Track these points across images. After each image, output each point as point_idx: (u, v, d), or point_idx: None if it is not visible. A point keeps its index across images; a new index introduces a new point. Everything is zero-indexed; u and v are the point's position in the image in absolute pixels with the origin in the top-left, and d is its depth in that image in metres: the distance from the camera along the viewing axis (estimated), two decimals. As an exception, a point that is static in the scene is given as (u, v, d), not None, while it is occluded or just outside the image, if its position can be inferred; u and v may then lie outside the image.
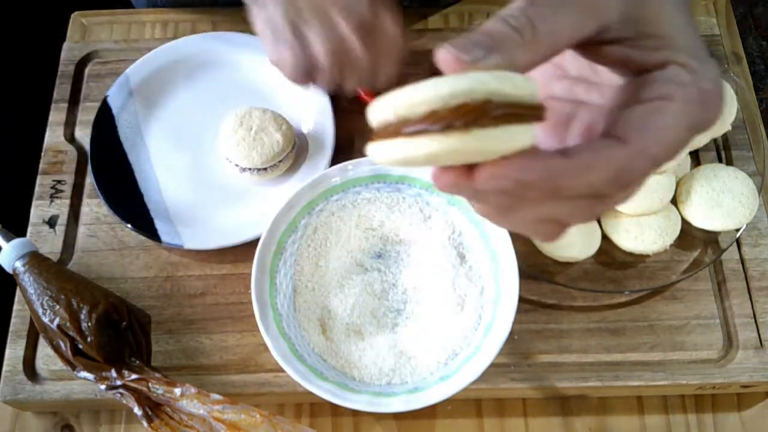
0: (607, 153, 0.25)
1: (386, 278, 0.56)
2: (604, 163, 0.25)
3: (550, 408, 0.57)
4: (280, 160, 0.60)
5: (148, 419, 0.52)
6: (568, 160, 0.25)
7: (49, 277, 0.55)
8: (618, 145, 0.25)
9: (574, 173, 0.25)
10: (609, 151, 0.25)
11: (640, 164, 0.26)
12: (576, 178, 0.25)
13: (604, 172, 0.25)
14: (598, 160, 0.25)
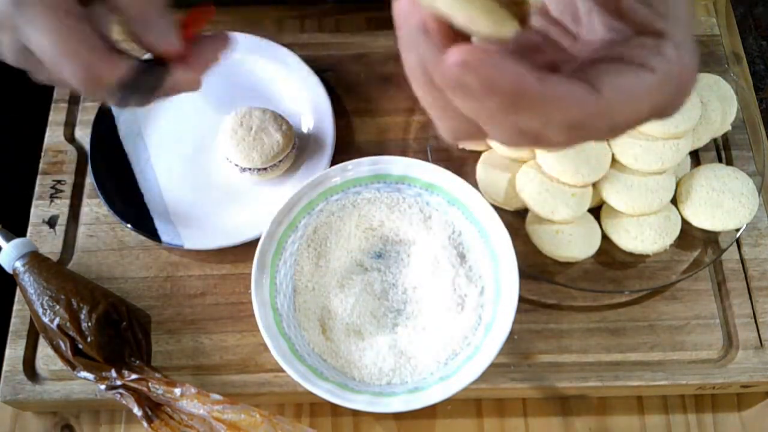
0: (577, 95, 0.25)
1: (386, 278, 0.56)
2: (570, 106, 0.25)
3: (550, 408, 0.57)
4: (280, 160, 0.60)
5: (148, 419, 0.52)
6: (539, 82, 0.24)
7: (49, 277, 0.55)
8: (589, 93, 0.25)
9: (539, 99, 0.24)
10: (579, 94, 0.25)
11: (602, 124, 0.26)
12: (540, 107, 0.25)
13: (566, 114, 0.25)
14: (567, 97, 0.25)
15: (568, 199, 0.56)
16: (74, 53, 0.33)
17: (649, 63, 0.26)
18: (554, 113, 0.25)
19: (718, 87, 0.61)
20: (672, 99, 0.27)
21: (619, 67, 0.26)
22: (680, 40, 0.27)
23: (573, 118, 0.25)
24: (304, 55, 0.66)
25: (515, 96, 0.24)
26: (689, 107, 0.55)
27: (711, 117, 0.59)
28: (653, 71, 0.26)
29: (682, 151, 0.56)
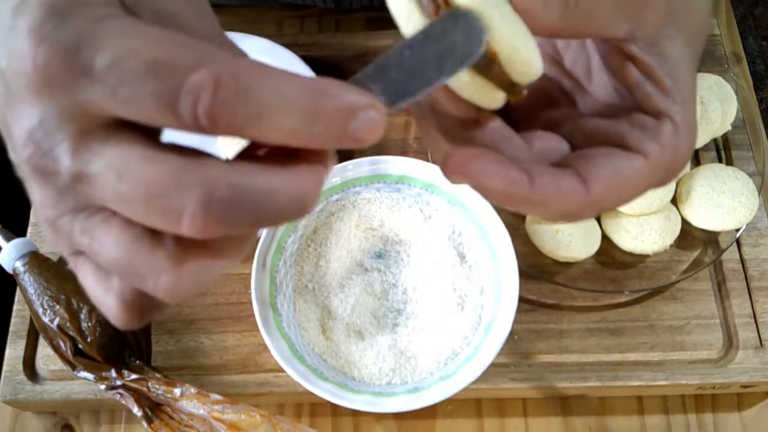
0: (566, 194, 0.26)
1: (386, 278, 0.56)
2: (559, 202, 0.26)
3: (550, 408, 0.57)
4: (280, 160, 0.60)
5: (147, 420, 0.52)
6: (529, 186, 0.25)
7: (49, 277, 0.55)
8: (578, 190, 0.26)
9: (530, 200, 0.25)
10: (568, 193, 0.26)
11: (591, 212, 0.27)
12: (530, 205, 0.26)
13: (556, 208, 0.26)
14: (556, 197, 0.26)
15: (568, 199, 0.56)
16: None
17: (644, 148, 0.27)
18: (545, 209, 0.26)
19: (718, 87, 0.61)
20: (660, 181, 0.28)
21: (612, 153, 0.27)
22: (680, 122, 0.27)
23: (563, 210, 0.26)
24: (304, 55, 0.66)
25: (507, 198, 0.25)
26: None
27: (711, 117, 0.59)
28: (646, 158, 0.27)
29: (682, 151, 0.56)
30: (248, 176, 0.20)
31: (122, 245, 0.21)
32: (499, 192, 0.25)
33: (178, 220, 0.20)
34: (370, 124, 0.21)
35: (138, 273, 0.21)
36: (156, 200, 0.20)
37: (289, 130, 0.20)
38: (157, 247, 0.21)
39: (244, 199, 0.20)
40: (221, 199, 0.20)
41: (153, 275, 0.21)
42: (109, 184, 0.20)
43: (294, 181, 0.21)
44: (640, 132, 0.27)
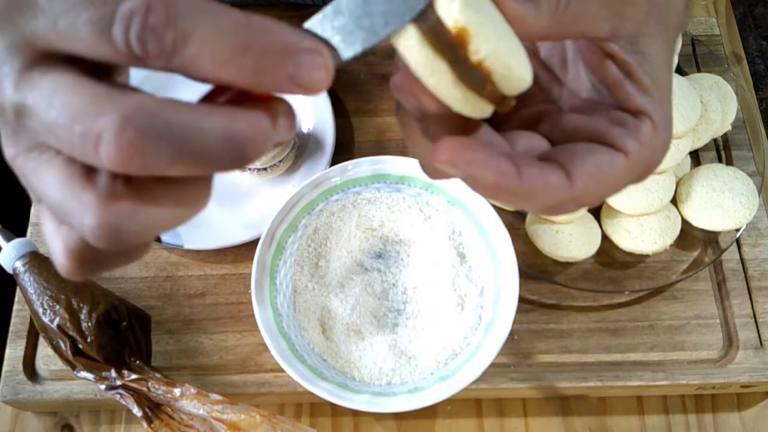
0: (552, 188, 0.26)
1: (386, 278, 0.56)
2: (545, 196, 0.26)
3: (550, 408, 0.57)
4: (280, 160, 0.60)
5: (147, 420, 0.52)
6: (518, 179, 0.25)
7: (49, 277, 0.55)
8: (563, 184, 0.26)
9: (518, 193, 0.26)
10: (554, 188, 0.26)
11: (572, 206, 0.27)
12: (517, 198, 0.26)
13: (541, 202, 0.26)
14: (543, 191, 0.26)
15: (568, 199, 0.56)
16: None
17: (625, 146, 0.27)
18: (531, 202, 0.26)
19: (718, 87, 0.61)
20: (638, 178, 0.28)
21: (594, 148, 0.27)
22: (658, 120, 0.27)
23: (547, 204, 0.27)
24: (304, 55, 0.66)
25: (496, 190, 0.25)
26: (689, 107, 0.55)
27: (711, 117, 0.59)
28: (627, 155, 0.27)
29: (682, 151, 0.56)
30: (172, 109, 0.20)
31: (58, 183, 0.21)
32: (489, 183, 0.25)
33: (96, 145, 0.19)
34: (314, 69, 0.21)
35: (68, 212, 0.21)
36: (76, 125, 0.20)
37: (219, 61, 0.20)
38: (88, 185, 0.21)
39: (163, 129, 0.19)
40: (138, 126, 0.19)
41: (80, 213, 0.21)
42: (41, 113, 0.20)
43: (224, 121, 0.20)
44: (620, 129, 0.27)
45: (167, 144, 0.20)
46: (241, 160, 0.21)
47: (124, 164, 0.19)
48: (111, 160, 0.19)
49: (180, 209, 0.22)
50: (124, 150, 0.19)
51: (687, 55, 0.67)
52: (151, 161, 0.20)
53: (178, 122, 0.20)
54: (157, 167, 0.20)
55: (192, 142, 0.20)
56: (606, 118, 0.28)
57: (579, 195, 0.26)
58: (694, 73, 0.63)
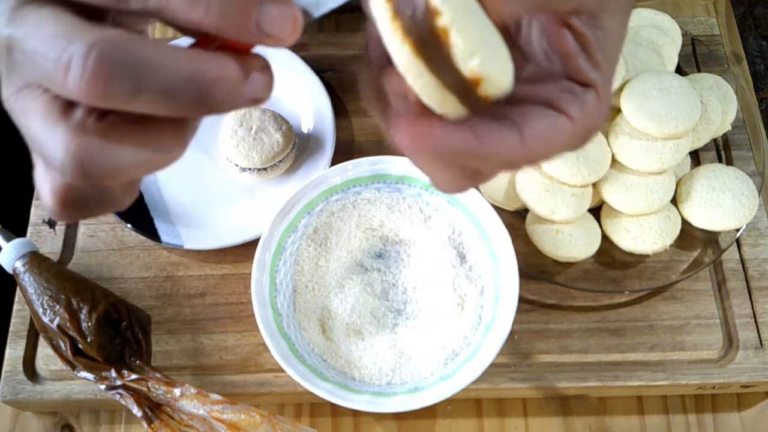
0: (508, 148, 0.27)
1: (386, 278, 0.56)
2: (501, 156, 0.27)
3: (550, 408, 0.57)
4: (280, 160, 0.60)
5: (147, 420, 0.52)
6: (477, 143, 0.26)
7: (49, 277, 0.55)
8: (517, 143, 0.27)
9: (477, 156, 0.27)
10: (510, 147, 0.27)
11: (521, 165, 0.28)
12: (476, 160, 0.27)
13: (497, 161, 0.27)
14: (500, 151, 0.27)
15: (568, 199, 0.56)
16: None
17: (571, 112, 0.28)
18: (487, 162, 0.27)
19: (718, 87, 0.61)
20: (577, 144, 0.29)
21: (544, 111, 0.28)
22: (602, 93, 0.29)
23: (503, 161, 0.28)
24: (304, 55, 0.66)
25: (458, 155, 0.26)
26: (689, 107, 0.55)
27: (711, 117, 0.59)
28: (572, 121, 0.28)
29: (682, 151, 0.56)
30: (140, 43, 0.20)
31: (38, 120, 0.22)
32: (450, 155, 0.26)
33: (65, 71, 0.20)
34: (280, 18, 0.21)
35: (43, 146, 0.22)
36: (50, 52, 0.20)
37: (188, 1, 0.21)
38: (62, 119, 0.21)
39: (127, 59, 0.20)
40: (103, 52, 0.20)
41: (52, 147, 0.21)
42: (24, 44, 0.21)
43: (189, 60, 0.21)
44: (568, 96, 0.28)
45: (130, 74, 0.20)
46: (205, 103, 0.21)
47: (89, 90, 0.20)
48: (76, 85, 0.20)
49: (149, 151, 0.22)
50: (88, 75, 0.20)
51: (687, 55, 0.67)
52: (113, 90, 0.20)
53: (144, 55, 0.20)
54: (119, 97, 0.20)
55: (155, 76, 0.20)
56: (555, 86, 0.29)
57: (529, 154, 0.27)
58: (694, 73, 0.63)
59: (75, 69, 0.20)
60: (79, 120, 0.21)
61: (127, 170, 0.22)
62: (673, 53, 0.62)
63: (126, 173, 0.22)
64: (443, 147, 0.26)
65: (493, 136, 0.27)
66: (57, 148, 0.21)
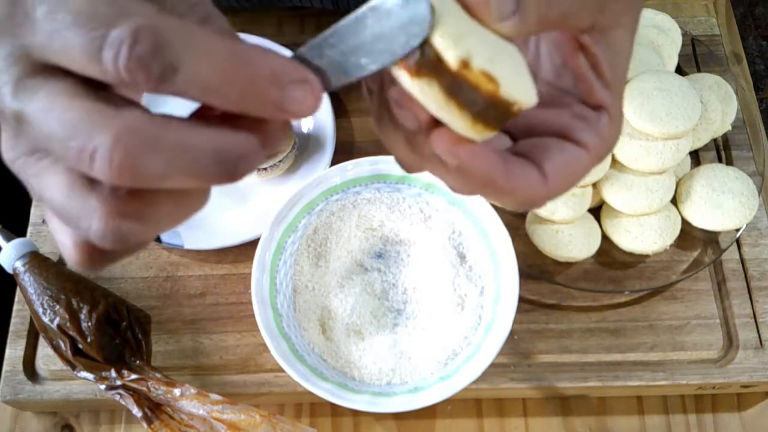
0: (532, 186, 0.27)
1: (386, 278, 0.56)
2: (524, 193, 0.27)
3: (550, 408, 0.57)
4: (280, 160, 0.60)
5: (147, 421, 0.52)
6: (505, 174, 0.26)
7: (49, 277, 0.55)
8: (540, 181, 0.27)
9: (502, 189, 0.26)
10: (533, 185, 0.27)
11: (543, 203, 0.28)
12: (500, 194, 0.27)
13: (520, 198, 0.27)
14: (524, 188, 0.27)
15: (568, 199, 0.56)
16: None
17: (587, 142, 0.28)
18: (510, 198, 0.27)
19: (718, 87, 0.61)
20: (594, 168, 0.29)
21: (563, 146, 0.28)
22: (614, 114, 0.29)
23: (524, 200, 0.28)
24: (304, 55, 0.66)
25: (485, 185, 0.26)
26: (689, 107, 0.55)
27: (711, 117, 0.59)
28: (588, 151, 0.28)
29: (682, 151, 0.56)
30: (163, 126, 0.20)
31: (61, 189, 0.22)
32: (480, 176, 0.26)
33: (91, 162, 0.20)
34: (301, 98, 0.21)
35: (74, 217, 0.22)
36: (71, 141, 0.20)
37: (206, 90, 0.20)
38: (92, 191, 0.21)
39: (154, 147, 0.20)
40: (129, 144, 0.20)
41: (86, 220, 0.21)
42: (39, 124, 0.21)
43: (213, 138, 0.21)
44: (582, 124, 0.28)
45: (158, 161, 0.20)
46: (231, 175, 0.22)
47: (118, 180, 0.20)
48: (105, 175, 0.20)
49: (180, 211, 0.23)
50: (116, 167, 0.20)
51: (687, 55, 0.67)
52: (143, 177, 0.20)
53: (169, 140, 0.20)
54: (149, 182, 0.21)
55: (182, 158, 0.20)
56: (568, 112, 0.29)
57: (551, 191, 0.27)
58: (694, 73, 0.63)
59: (101, 161, 0.20)
60: (111, 191, 0.21)
61: (159, 230, 0.23)
62: (673, 53, 0.62)
63: (155, 234, 0.23)
64: (476, 166, 0.25)
65: (520, 172, 0.27)
66: (93, 220, 0.21)
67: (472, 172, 0.26)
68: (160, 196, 0.22)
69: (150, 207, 0.22)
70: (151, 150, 0.20)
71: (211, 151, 0.21)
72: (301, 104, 0.21)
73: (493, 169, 0.26)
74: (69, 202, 0.22)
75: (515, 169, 0.26)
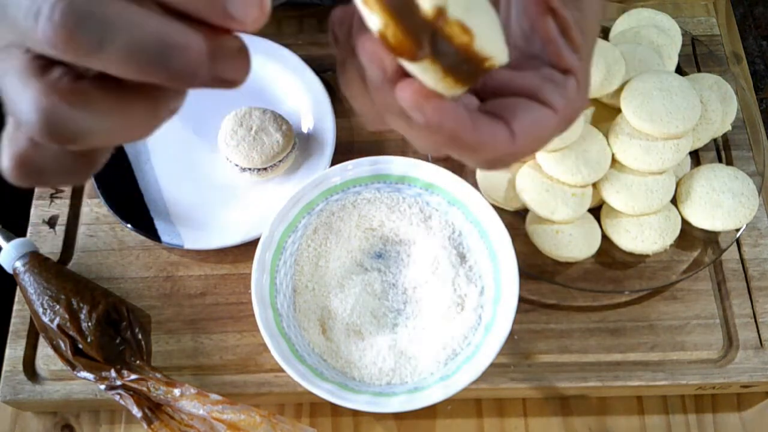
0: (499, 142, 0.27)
1: (386, 278, 0.56)
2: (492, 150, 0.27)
3: (550, 408, 0.57)
4: (280, 160, 0.60)
5: (147, 421, 0.52)
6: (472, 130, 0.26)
7: (49, 277, 0.55)
8: (507, 139, 0.27)
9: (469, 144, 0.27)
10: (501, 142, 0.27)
11: (510, 161, 0.29)
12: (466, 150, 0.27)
13: (487, 155, 0.28)
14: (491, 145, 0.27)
15: (568, 199, 0.56)
16: None
17: (555, 103, 0.28)
18: (477, 155, 0.28)
19: (718, 87, 0.61)
20: (561, 131, 0.30)
21: (531, 106, 0.28)
22: (582, 78, 0.29)
23: (490, 157, 0.28)
24: (304, 55, 0.66)
25: (452, 140, 0.26)
26: (689, 107, 0.55)
27: (711, 117, 0.59)
28: (556, 112, 0.28)
29: (682, 151, 0.56)
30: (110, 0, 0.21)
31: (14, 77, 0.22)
32: (447, 131, 0.26)
33: (36, 19, 0.20)
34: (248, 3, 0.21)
35: (14, 101, 0.22)
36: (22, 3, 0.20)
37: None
38: (37, 77, 0.22)
39: (96, 11, 0.20)
40: (72, 4, 0.20)
41: (23, 102, 0.22)
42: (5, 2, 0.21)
43: (159, 23, 0.21)
44: (550, 86, 0.28)
45: (96, 26, 0.20)
46: (166, 70, 0.21)
47: (54, 38, 0.20)
48: (44, 33, 0.20)
49: (116, 119, 0.23)
50: (55, 23, 0.20)
51: (687, 55, 0.67)
52: (78, 40, 0.20)
53: (112, 11, 0.20)
54: (84, 48, 0.20)
55: (120, 31, 0.20)
56: (536, 74, 0.29)
57: (518, 150, 0.28)
58: (694, 73, 0.63)
59: (43, 18, 0.20)
60: (53, 79, 0.21)
61: (92, 135, 0.22)
62: (673, 53, 0.62)
63: (91, 139, 0.22)
64: (444, 120, 0.25)
65: (487, 128, 0.27)
66: (27, 103, 0.21)
67: (438, 128, 0.26)
68: (100, 94, 0.22)
69: (86, 101, 0.22)
70: (93, 13, 0.20)
71: (152, 32, 0.21)
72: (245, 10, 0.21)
73: (460, 124, 0.26)
74: (16, 86, 0.22)
75: (483, 126, 0.26)
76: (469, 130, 0.26)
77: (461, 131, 0.26)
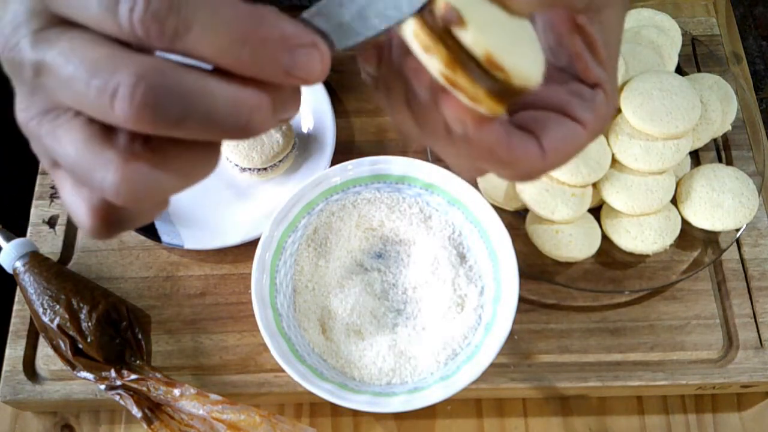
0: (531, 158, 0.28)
1: (386, 278, 0.56)
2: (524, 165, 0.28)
3: (550, 408, 0.57)
4: (280, 160, 0.60)
5: (147, 421, 0.52)
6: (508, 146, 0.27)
7: (49, 277, 0.55)
8: (538, 154, 0.28)
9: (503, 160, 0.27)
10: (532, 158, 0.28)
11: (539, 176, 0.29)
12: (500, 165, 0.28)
13: (519, 171, 0.28)
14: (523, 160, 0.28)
15: (568, 199, 0.56)
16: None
17: (583, 119, 0.29)
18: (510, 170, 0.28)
19: (718, 87, 0.61)
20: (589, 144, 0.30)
21: (561, 121, 0.29)
22: (609, 91, 0.29)
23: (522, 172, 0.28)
24: (304, 55, 0.66)
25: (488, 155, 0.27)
26: (689, 107, 0.55)
27: (711, 117, 0.59)
28: (585, 127, 0.29)
29: (682, 151, 0.56)
30: (184, 71, 0.21)
31: (77, 144, 0.22)
32: (486, 146, 0.26)
33: (112, 100, 0.20)
34: (310, 62, 0.22)
35: (88, 171, 0.22)
36: (93, 79, 0.20)
37: (217, 49, 0.21)
38: (108, 144, 0.22)
39: (174, 88, 0.20)
40: (151, 82, 0.20)
41: (101, 171, 0.22)
42: (59, 69, 0.21)
43: (232, 90, 0.21)
44: (579, 101, 0.29)
45: (177, 102, 0.20)
46: (244, 128, 0.22)
47: (137, 119, 0.20)
48: (125, 113, 0.20)
49: (190, 171, 0.23)
50: (137, 104, 0.20)
51: (687, 55, 0.67)
52: (161, 119, 0.20)
53: (189, 83, 0.21)
54: (166, 125, 0.21)
55: (200, 103, 0.21)
56: (564, 89, 0.29)
57: (548, 165, 0.28)
58: (694, 73, 0.63)
59: (122, 99, 0.20)
60: (128, 144, 0.22)
61: (170, 190, 0.23)
62: (673, 53, 0.62)
63: (168, 193, 0.23)
64: (482, 136, 0.26)
65: (520, 144, 0.27)
66: (108, 172, 0.21)
67: (476, 142, 0.26)
68: (175, 150, 0.22)
69: (165, 159, 0.22)
70: (172, 91, 0.20)
71: (227, 99, 0.21)
72: (309, 69, 0.22)
73: (497, 140, 0.26)
74: (84, 155, 0.22)
75: (517, 141, 0.27)
76: (505, 146, 0.27)
77: (497, 147, 0.26)
